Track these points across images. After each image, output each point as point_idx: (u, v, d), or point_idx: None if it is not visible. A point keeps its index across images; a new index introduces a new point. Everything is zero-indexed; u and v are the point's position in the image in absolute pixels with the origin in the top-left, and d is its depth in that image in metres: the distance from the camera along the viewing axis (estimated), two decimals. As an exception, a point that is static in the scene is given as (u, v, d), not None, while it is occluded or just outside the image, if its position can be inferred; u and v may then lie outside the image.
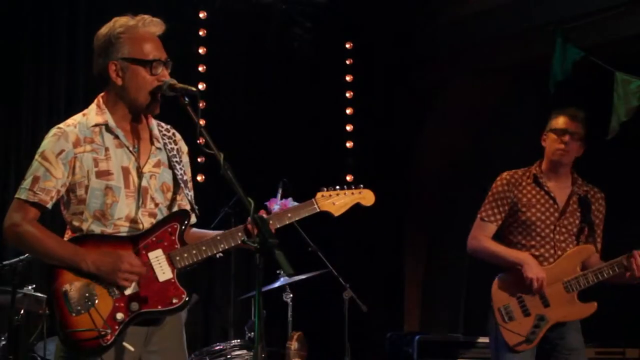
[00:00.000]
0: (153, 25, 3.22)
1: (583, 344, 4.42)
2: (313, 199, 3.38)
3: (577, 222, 4.44)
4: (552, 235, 4.40)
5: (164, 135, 3.32)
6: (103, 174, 3.15)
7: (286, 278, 5.41)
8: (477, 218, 4.55)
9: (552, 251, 4.39)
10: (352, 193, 3.45)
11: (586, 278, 4.33)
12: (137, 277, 3.07)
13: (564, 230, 4.42)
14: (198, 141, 3.09)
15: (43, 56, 6.33)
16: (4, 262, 5.04)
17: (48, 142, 3.16)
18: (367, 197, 3.48)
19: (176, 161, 3.29)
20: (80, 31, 6.40)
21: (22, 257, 4.88)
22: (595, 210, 4.50)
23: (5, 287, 5.01)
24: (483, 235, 4.51)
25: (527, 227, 4.42)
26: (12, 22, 6.21)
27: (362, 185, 3.50)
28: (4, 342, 5.14)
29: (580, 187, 4.51)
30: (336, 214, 3.40)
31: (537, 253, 4.39)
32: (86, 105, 3.32)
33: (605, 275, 4.32)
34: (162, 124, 3.36)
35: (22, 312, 5.07)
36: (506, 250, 4.45)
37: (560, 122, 4.49)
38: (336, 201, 3.41)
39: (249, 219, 3.04)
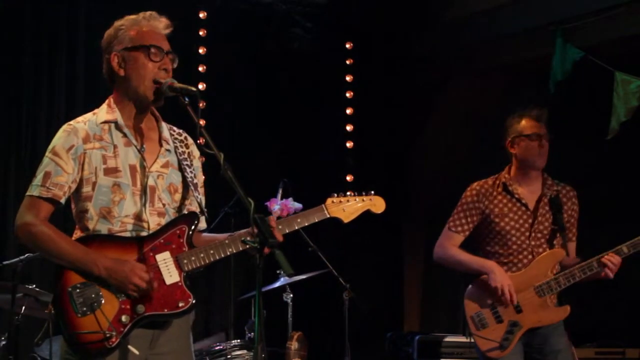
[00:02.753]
0: (157, 21, 3.24)
1: (568, 346, 4.39)
2: (323, 205, 3.36)
3: (550, 225, 4.42)
4: (527, 242, 4.38)
5: (176, 139, 3.31)
6: (111, 171, 3.14)
7: (286, 278, 5.41)
8: (445, 227, 4.54)
9: (530, 257, 4.37)
10: (363, 200, 3.42)
11: (557, 282, 4.31)
12: (145, 292, 3.06)
13: (539, 235, 4.40)
14: (198, 141, 3.09)
15: (43, 56, 6.32)
16: (4, 262, 5.04)
17: (58, 138, 3.16)
18: (377, 204, 3.45)
19: (187, 164, 3.28)
20: (81, 31, 6.40)
21: (22, 257, 4.88)
22: (569, 209, 4.47)
23: (5, 287, 5.01)
24: (449, 244, 4.50)
25: (502, 237, 4.40)
26: (12, 21, 6.21)
27: (372, 192, 3.46)
28: (4, 342, 5.13)
29: (550, 188, 4.46)
30: (346, 220, 3.38)
31: (515, 260, 4.38)
32: (86, 106, 3.33)
33: (576, 278, 4.29)
34: (175, 128, 3.36)
35: (22, 312, 5.06)
36: (471, 258, 4.44)
37: (527, 126, 4.44)
38: (346, 207, 3.38)
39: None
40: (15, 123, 6.22)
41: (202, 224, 3.32)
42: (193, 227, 3.20)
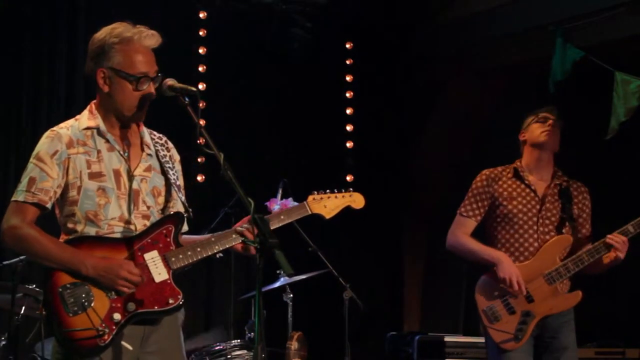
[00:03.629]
0: (149, 39, 3.21)
1: (575, 344, 4.41)
2: (305, 202, 3.45)
3: (558, 213, 4.44)
4: (535, 227, 4.40)
5: (157, 143, 3.35)
6: (95, 176, 3.17)
7: (286, 278, 5.41)
8: (457, 214, 4.56)
9: (536, 244, 4.38)
10: (343, 196, 3.51)
11: (566, 267, 4.32)
12: (135, 286, 3.08)
13: (547, 222, 4.41)
14: (198, 141, 3.10)
15: (43, 56, 6.33)
16: (4, 262, 5.04)
17: (42, 144, 3.19)
18: (357, 200, 3.54)
19: (169, 167, 3.32)
20: (81, 31, 6.40)
21: (22, 257, 4.88)
22: (579, 203, 4.50)
23: (5, 287, 5.01)
24: (461, 232, 4.51)
25: (509, 220, 4.42)
26: (13, 21, 6.21)
27: (351, 189, 3.55)
28: (4, 342, 5.14)
29: (560, 179, 4.52)
30: (327, 216, 3.46)
31: (521, 249, 4.38)
32: (86, 105, 3.33)
33: (584, 262, 4.31)
34: (155, 133, 3.39)
35: (22, 312, 5.06)
36: (481, 247, 4.44)
37: (541, 111, 4.52)
38: (327, 204, 3.46)
39: (241, 221, 3.17)
40: (15, 123, 6.22)
41: (185, 226, 3.33)
42: (179, 226, 3.23)
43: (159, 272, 3.14)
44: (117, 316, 3.07)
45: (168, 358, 3.23)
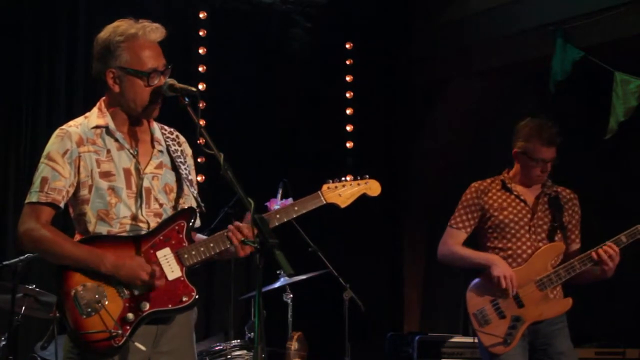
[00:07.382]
0: (153, 33, 3.19)
1: (572, 349, 4.41)
2: (319, 192, 3.34)
3: (549, 221, 4.44)
4: (528, 235, 4.40)
5: (167, 137, 3.32)
6: (105, 175, 3.15)
7: (286, 278, 5.41)
8: (447, 226, 4.56)
9: (529, 251, 4.39)
10: (358, 184, 3.42)
11: (557, 274, 4.33)
12: (152, 282, 3.07)
13: (539, 230, 4.42)
14: (198, 141, 3.10)
15: (43, 56, 6.33)
16: (4, 262, 5.04)
17: (52, 144, 3.17)
18: (373, 188, 3.45)
19: (180, 162, 3.28)
20: (81, 31, 6.40)
21: (22, 257, 4.88)
22: (569, 210, 4.50)
23: (5, 287, 5.01)
24: (452, 242, 4.51)
25: (501, 229, 4.42)
26: (12, 21, 6.21)
27: (367, 176, 3.47)
28: (4, 342, 5.14)
29: (549, 188, 4.51)
30: (342, 205, 3.37)
31: (514, 255, 4.38)
32: (86, 105, 3.33)
33: (576, 269, 4.30)
34: (166, 127, 3.37)
35: (22, 312, 5.06)
36: (474, 252, 4.46)
37: (537, 150, 4.40)
38: (342, 193, 3.37)
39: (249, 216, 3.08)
40: (15, 124, 6.22)
41: (197, 222, 3.31)
42: (191, 222, 3.20)
43: (172, 270, 3.12)
44: (130, 316, 3.05)
45: (180, 358, 3.22)
